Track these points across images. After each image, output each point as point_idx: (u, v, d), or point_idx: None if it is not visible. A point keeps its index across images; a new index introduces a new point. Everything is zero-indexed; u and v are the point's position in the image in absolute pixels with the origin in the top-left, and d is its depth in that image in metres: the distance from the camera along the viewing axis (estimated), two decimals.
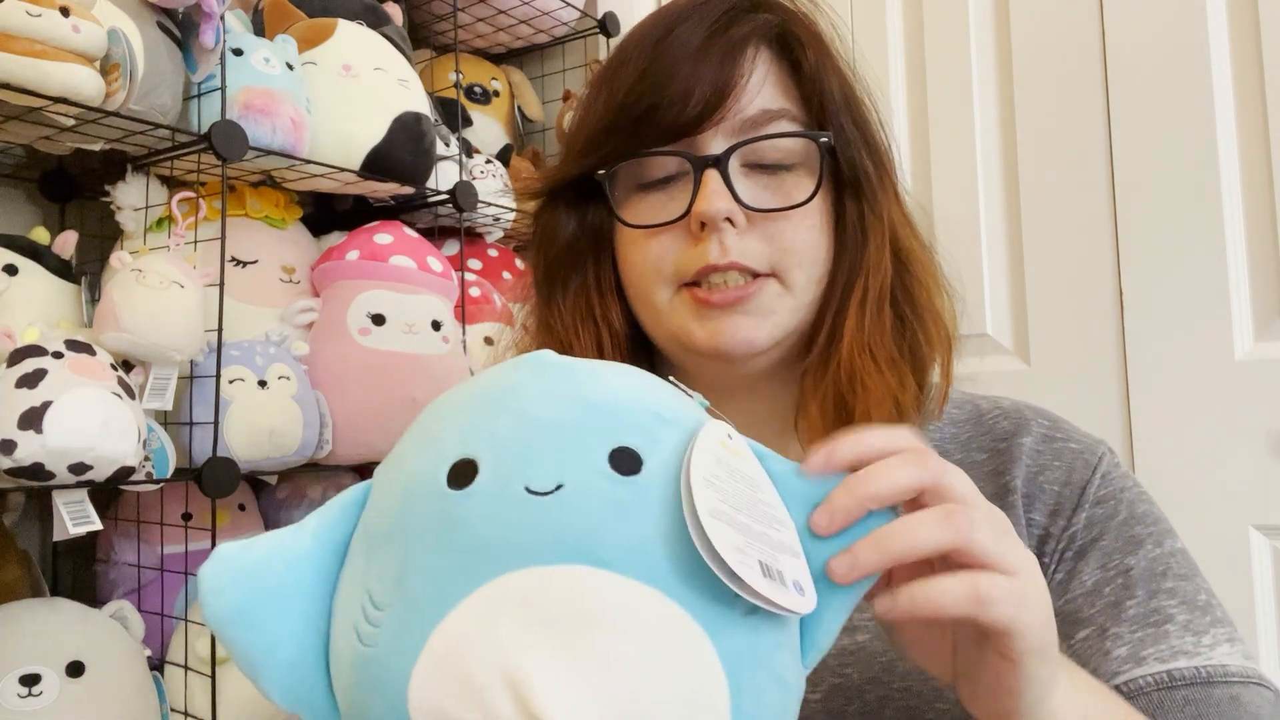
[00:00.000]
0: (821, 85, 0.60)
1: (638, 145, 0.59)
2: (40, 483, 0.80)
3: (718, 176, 0.57)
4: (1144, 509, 0.59)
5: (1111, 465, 0.61)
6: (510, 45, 1.65)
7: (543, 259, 0.66)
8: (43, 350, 0.83)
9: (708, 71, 0.57)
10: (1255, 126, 1.17)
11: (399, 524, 0.36)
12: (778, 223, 0.58)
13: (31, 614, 0.86)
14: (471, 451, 0.36)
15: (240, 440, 0.98)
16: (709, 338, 0.58)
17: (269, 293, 1.12)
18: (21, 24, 0.78)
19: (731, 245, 0.57)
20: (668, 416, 0.39)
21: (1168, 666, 0.53)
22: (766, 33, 0.60)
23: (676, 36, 0.58)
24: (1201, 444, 1.17)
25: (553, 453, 0.35)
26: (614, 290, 0.64)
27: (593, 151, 0.61)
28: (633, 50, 0.61)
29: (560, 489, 0.34)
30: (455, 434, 0.38)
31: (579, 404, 0.37)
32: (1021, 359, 1.32)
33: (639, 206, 0.61)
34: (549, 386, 0.38)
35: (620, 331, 0.63)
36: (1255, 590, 1.14)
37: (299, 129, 1.05)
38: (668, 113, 0.57)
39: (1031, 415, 0.63)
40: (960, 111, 1.38)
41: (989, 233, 1.35)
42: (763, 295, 0.58)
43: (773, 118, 0.59)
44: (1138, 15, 1.24)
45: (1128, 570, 0.56)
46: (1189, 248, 1.19)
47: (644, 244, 0.60)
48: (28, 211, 1.13)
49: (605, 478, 0.35)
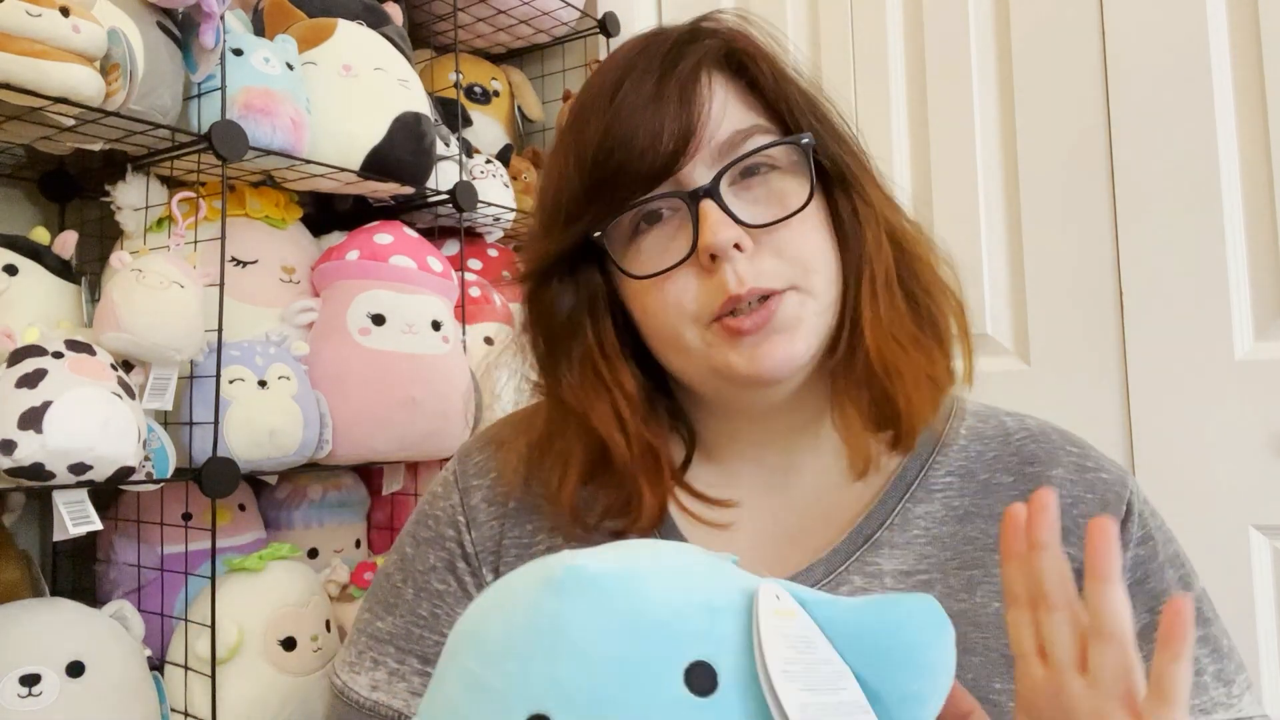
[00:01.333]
0: (782, 93, 0.60)
1: (622, 200, 0.59)
2: (40, 483, 0.80)
3: (714, 205, 0.57)
4: (1173, 550, 0.61)
5: (1142, 502, 0.62)
6: (510, 45, 1.65)
7: (543, 336, 0.65)
8: (43, 350, 0.83)
9: (668, 113, 0.57)
10: (1255, 126, 1.17)
11: None
12: (783, 234, 0.58)
13: (31, 614, 0.86)
14: (541, 707, 0.34)
15: (240, 440, 0.98)
16: (749, 364, 0.58)
17: (269, 293, 1.12)
18: (21, 24, 0.78)
19: (745, 271, 0.57)
20: (719, 604, 0.37)
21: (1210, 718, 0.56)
22: (714, 57, 0.60)
23: (628, 89, 0.58)
24: (1201, 444, 1.17)
25: (627, 694, 0.34)
26: (619, 351, 0.63)
27: (576, 219, 0.60)
28: (590, 111, 0.60)
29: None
30: (514, 686, 0.35)
31: (633, 628, 0.35)
32: (1021, 359, 1.32)
33: (639, 254, 0.60)
34: (597, 615, 0.36)
35: (633, 394, 0.62)
36: (1255, 590, 1.14)
37: (299, 129, 1.05)
38: (643, 161, 0.57)
39: (1060, 441, 0.64)
40: (960, 111, 1.38)
41: (989, 232, 1.35)
42: (786, 306, 0.58)
43: (746, 135, 0.59)
44: (1138, 15, 1.24)
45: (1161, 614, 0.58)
46: (1189, 248, 1.19)
47: (658, 290, 0.59)
48: (28, 211, 1.13)
49: (688, 705, 0.33)
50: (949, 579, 0.59)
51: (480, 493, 0.69)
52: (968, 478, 0.62)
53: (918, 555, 0.59)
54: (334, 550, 1.21)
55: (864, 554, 0.60)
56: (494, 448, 0.71)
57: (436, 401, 1.14)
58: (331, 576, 1.13)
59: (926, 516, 0.61)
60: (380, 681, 0.66)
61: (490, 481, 0.69)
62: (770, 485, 0.64)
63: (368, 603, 0.71)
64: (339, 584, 1.12)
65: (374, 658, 0.67)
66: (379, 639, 0.68)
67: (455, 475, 0.71)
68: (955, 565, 0.59)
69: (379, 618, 0.69)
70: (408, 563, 0.69)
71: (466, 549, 0.67)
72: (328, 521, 1.22)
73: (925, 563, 0.59)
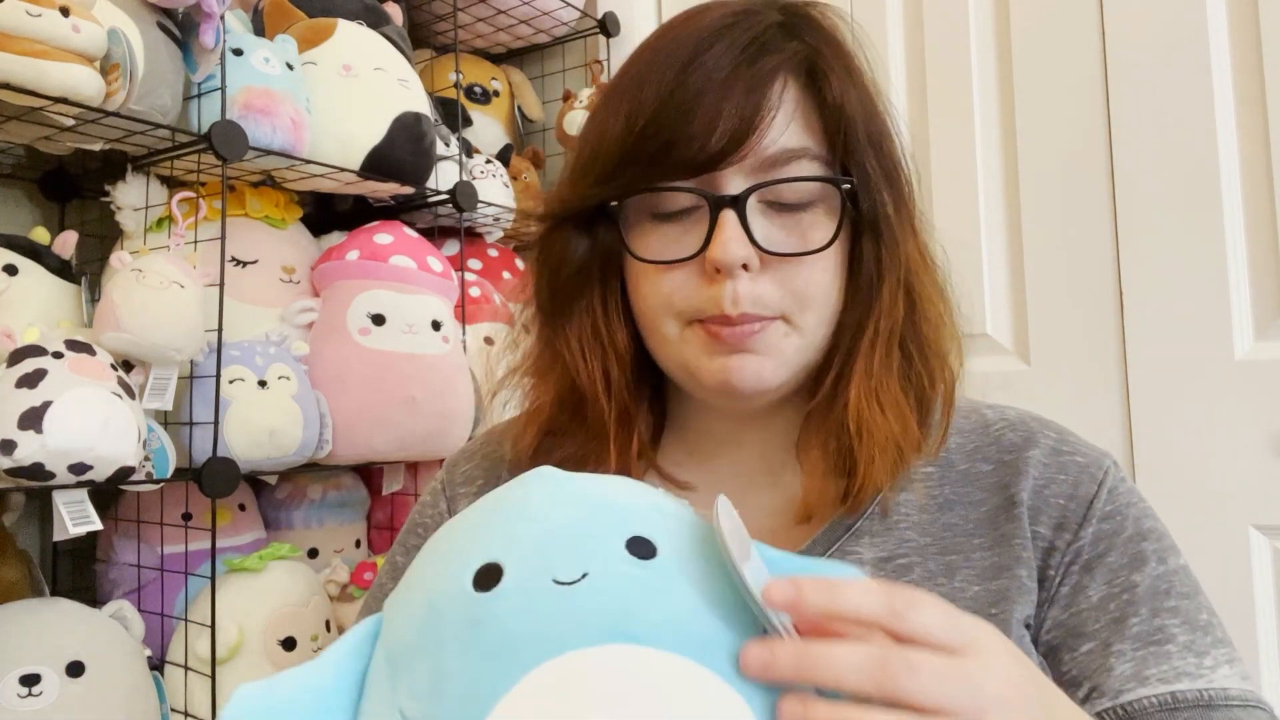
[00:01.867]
0: (846, 121, 0.58)
1: (655, 177, 0.57)
2: (40, 483, 0.80)
3: (735, 219, 0.56)
4: (1149, 525, 0.60)
5: (1117, 480, 0.61)
6: (510, 45, 1.65)
7: (549, 281, 0.64)
8: (43, 350, 0.83)
9: (732, 106, 0.55)
10: (1255, 126, 1.17)
11: (426, 637, 0.37)
12: (792, 266, 0.57)
13: (31, 614, 0.86)
14: (494, 556, 0.37)
15: (240, 440, 0.98)
16: (718, 374, 0.58)
17: (269, 293, 1.12)
18: (21, 24, 0.78)
19: (744, 293, 0.56)
20: (667, 509, 0.41)
21: (1171, 688, 0.54)
22: (795, 64, 0.58)
23: (703, 63, 0.56)
24: (1201, 444, 1.17)
25: (573, 547, 0.37)
26: (620, 314, 0.63)
27: (608, 180, 0.59)
28: (656, 71, 0.58)
29: (586, 577, 0.36)
30: (474, 544, 0.39)
31: (587, 504, 0.40)
32: (1021, 359, 1.32)
33: (651, 238, 0.59)
34: (559, 491, 0.41)
35: (626, 355, 0.62)
36: (1255, 590, 1.14)
37: (299, 129, 1.05)
38: (689, 147, 0.56)
39: (1038, 427, 0.63)
40: (960, 111, 1.38)
41: (989, 232, 1.35)
42: (769, 335, 0.57)
43: (794, 157, 0.57)
44: (1138, 15, 1.24)
45: (1133, 587, 0.57)
46: (1189, 248, 1.19)
47: (655, 277, 0.59)
48: (28, 211, 1.13)
49: (627, 563, 0.37)
50: (928, 563, 0.59)
51: (467, 500, 0.69)
52: (948, 468, 0.62)
53: (898, 540, 0.59)
54: (334, 550, 1.21)
55: (844, 544, 0.60)
56: (480, 456, 0.72)
57: (436, 401, 1.14)
58: (331, 576, 1.13)
59: (907, 504, 0.61)
60: None
61: (477, 490, 0.69)
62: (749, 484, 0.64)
63: (361, 614, 0.70)
64: (339, 584, 1.12)
65: None
66: None
67: (443, 484, 0.72)
68: (935, 550, 0.59)
69: None
70: (399, 571, 0.69)
71: None
72: (328, 521, 1.22)
73: (905, 547, 0.59)
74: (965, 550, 0.59)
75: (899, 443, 0.58)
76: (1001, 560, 0.58)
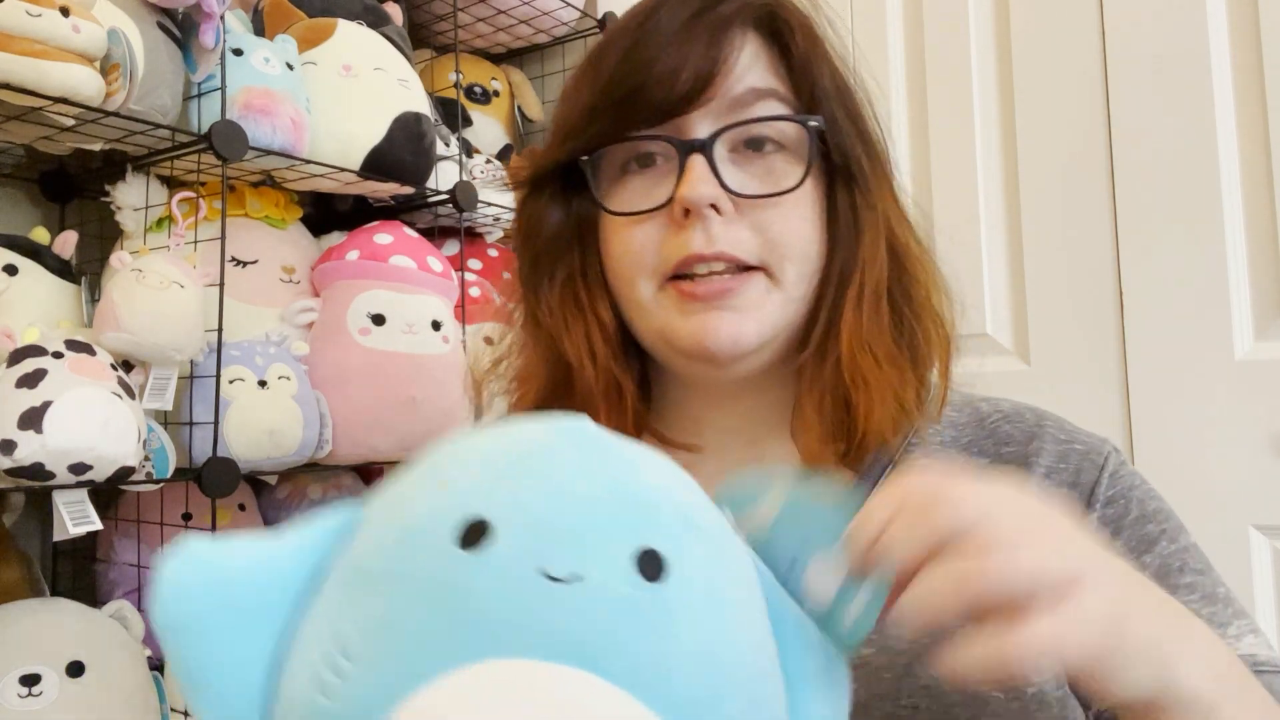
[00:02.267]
0: (811, 71, 0.58)
1: (622, 128, 0.57)
2: (40, 483, 0.80)
3: (703, 162, 0.55)
4: (1154, 506, 0.58)
5: (1118, 464, 0.60)
6: (510, 45, 1.65)
7: (528, 250, 0.64)
8: (43, 350, 0.83)
9: (694, 50, 0.55)
10: (1255, 126, 1.17)
11: (391, 569, 0.33)
12: (766, 211, 0.56)
13: (31, 614, 0.86)
14: (489, 511, 0.33)
15: (240, 440, 0.98)
16: (693, 334, 0.56)
17: (269, 293, 1.12)
18: (21, 24, 0.78)
19: (718, 234, 0.55)
20: (699, 522, 0.36)
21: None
22: (754, 13, 0.58)
23: (660, 18, 0.57)
24: (1201, 444, 1.17)
25: (577, 537, 0.32)
26: (601, 281, 0.62)
27: (576, 136, 0.59)
28: (618, 33, 0.59)
29: (578, 581, 0.31)
30: (474, 486, 0.34)
31: (614, 490, 0.34)
32: (1021, 359, 1.32)
33: (622, 192, 0.59)
34: (585, 461, 0.35)
35: (609, 324, 0.61)
36: (1255, 590, 1.14)
37: (299, 129, 1.05)
38: (654, 93, 0.55)
39: (1034, 419, 0.62)
40: (960, 111, 1.38)
41: (989, 233, 1.35)
42: (749, 289, 0.56)
43: (761, 96, 0.57)
44: (1138, 15, 1.24)
45: (1143, 569, 0.55)
46: (1189, 248, 1.19)
47: (627, 232, 0.58)
48: (28, 211, 1.13)
49: (627, 580, 0.32)
50: None
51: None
52: (944, 461, 0.61)
53: None
54: None
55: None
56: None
57: (436, 401, 1.14)
58: None
59: None
60: None
61: None
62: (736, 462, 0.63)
63: None
64: None
65: None
66: None
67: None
68: None
69: None
70: None
71: None
72: None
73: None
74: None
75: (898, 393, 0.57)
76: None
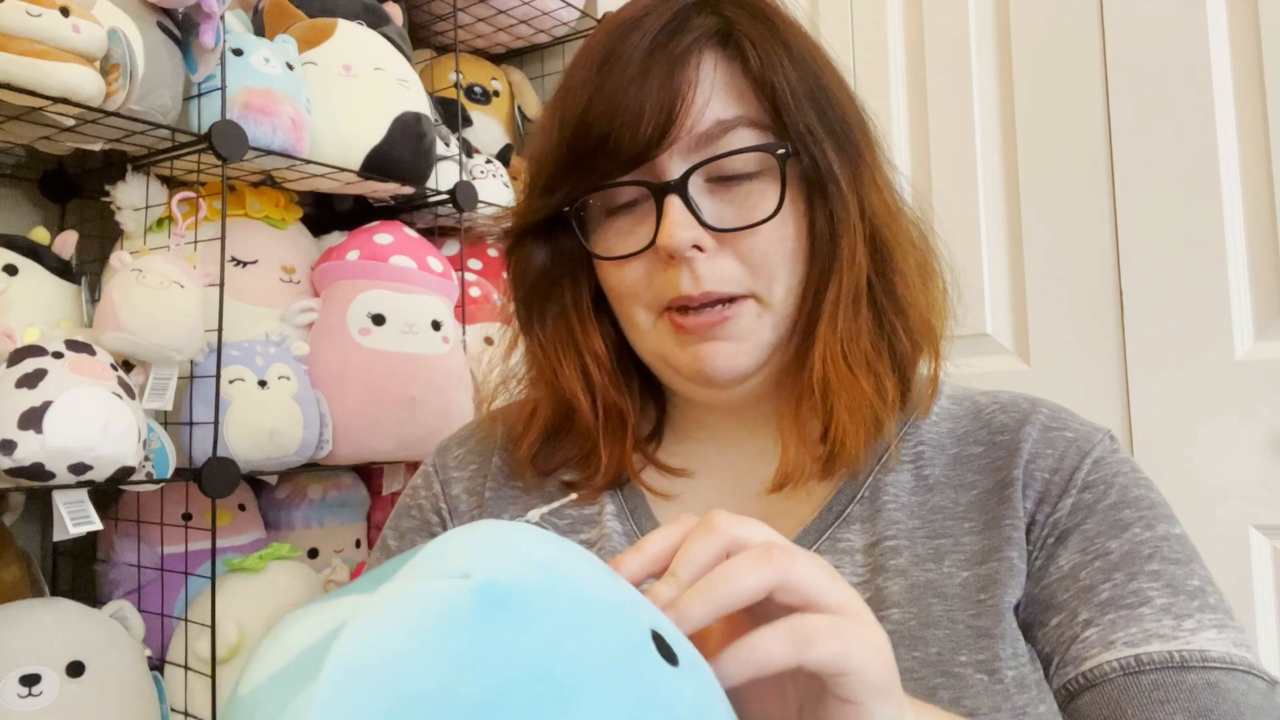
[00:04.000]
0: (776, 85, 0.57)
1: (596, 177, 0.58)
2: (40, 483, 0.80)
3: (679, 204, 0.56)
4: (1139, 494, 0.57)
5: (1107, 451, 0.59)
6: (510, 45, 1.65)
7: (519, 292, 0.66)
8: (43, 350, 0.83)
9: (649, 96, 0.55)
10: (1255, 126, 1.17)
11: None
12: (748, 239, 0.57)
13: (31, 614, 0.86)
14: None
15: (240, 440, 0.98)
16: (692, 363, 0.58)
17: (269, 293, 1.12)
18: (21, 24, 0.78)
19: (703, 273, 0.56)
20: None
21: (1136, 651, 0.50)
22: (710, 36, 0.58)
23: (619, 57, 0.57)
24: (1201, 444, 1.17)
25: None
26: (592, 314, 0.63)
27: (554, 190, 0.60)
28: (579, 74, 0.59)
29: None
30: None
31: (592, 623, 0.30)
32: (1021, 359, 1.32)
33: (608, 234, 0.60)
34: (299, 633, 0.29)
35: (603, 355, 0.63)
36: (1255, 590, 1.14)
37: (299, 129, 1.05)
38: (619, 140, 0.56)
39: (1030, 407, 0.62)
40: (960, 111, 1.38)
41: (989, 232, 1.35)
42: (740, 318, 0.57)
43: (728, 128, 0.56)
44: (1138, 15, 1.24)
45: (1107, 554, 0.54)
46: (1189, 248, 1.20)
47: (619, 271, 0.59)
48: (28, 211, 1.13)
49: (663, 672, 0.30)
50: (916, 547, 0.57)
51: (460, 484, 0.69)
52: (939, 450, 0.61)
53: (886, 522, 0.58)
54: (334, 550, 1.21)
55: (835, 531, 0.59)
56: (475, 440, 0.71)
57: (436, 401, 1.14)
58: (331, 576, 1.13)
59: (896, 484, 0.60)
60: None
61: (469, 474, 0.69)
62: (741, 472, 0.64)
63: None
64: (339, 584, 1.12)
65: None
66: None
67: (435, 468, 0.71)
68: (924, 535, 0.58)
69: None
70: (391, 554, 0.68)
71: None
72: (328, 521, 1.22)
73: (893, 529, 0.58)
74: (954, 534, 0.57)
75: (872, 403, 0.57)
76: (991, 543, 0.56)
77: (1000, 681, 0.52)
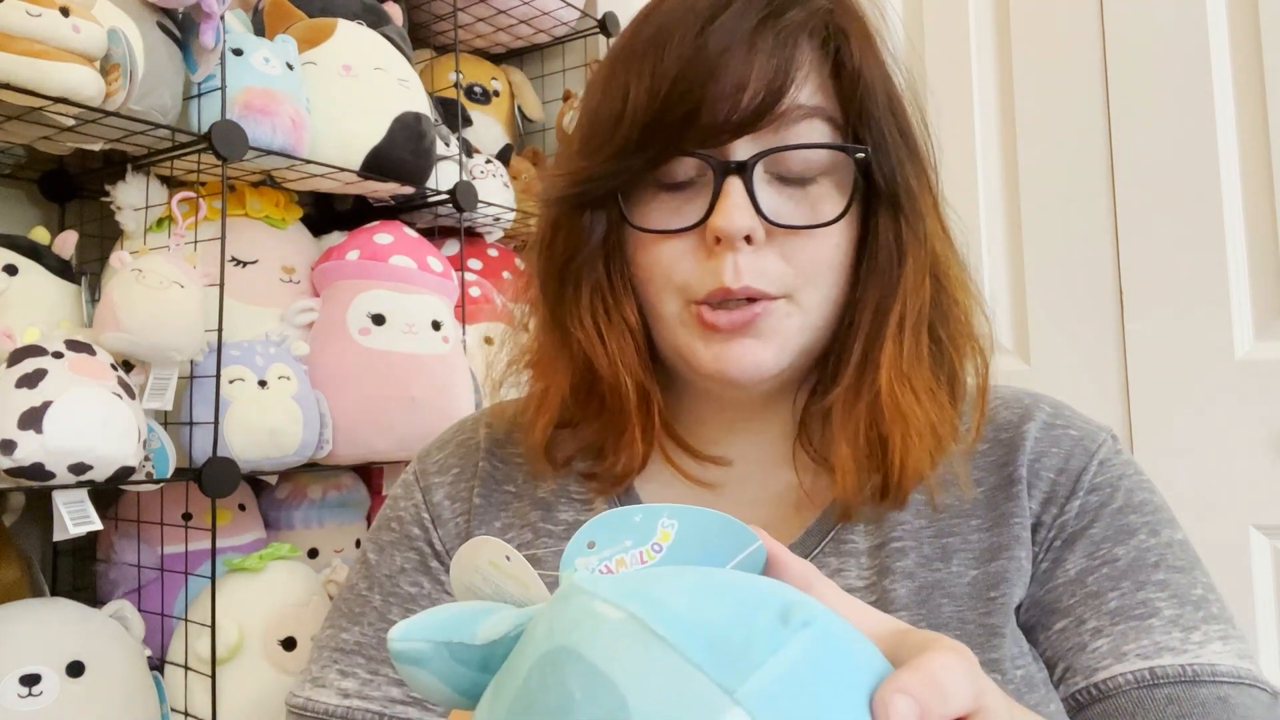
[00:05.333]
0: (865, 86, 0.54)
1: (681, 145, 0.53)
2: (40, 483, 0.80)
3: (741, 187, 0.52)
4: (1143, 498, 0.56)
5: (1112, 452, 0.58)
6: (510, 45, 1.65)
7: (557, 262, 0.60)
8: (43, 350, 0.83)
9: (759, 67, 0.52)
10: (1255, 126, 1.17)
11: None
12: (799, 239, 0.54)
13: (31, 614, 0.86)
14: None
15: (240, 440, 0.98)
16: (713, 361, 0.55)
17: (269, 293, 1.12)
18: (21, 24, 0.78)
19: (746, 266, 0.53)
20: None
21: (1150, 664, 0.50)
22: (816, 22, 0.54)
23: (725, 23, 0.52)
24: (1201, 444, 1.17)
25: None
26: (628, 289, 0.59)
27: (632, 153, 0.54)
28: (675, 30, 0.54)
29: None
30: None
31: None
32: (1021, 359, 1.32)
33: (651, 206, 0.56)
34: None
35: (638, 331, 0.59)
36: (1255, 590, 1.14)
37: (299, 129, 1.05)
38: (718, 112, 0.52)
39: (1032, 402, 0.61)
40: (960, 110, 1.38)
41: (989, 233, 1.35)
42: (770, 315, 0.54)
43: (807, 115, 0.53)
44: (1138, 14, 1.24)
45: (1114, 560, 0.54)
46: (1189, 248, 1.20)
47: (654, 248, 0.55)
48: (28, 211, 1.13)
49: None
50: (923, 547, 0.56)
51: (443, 490, 0.66)
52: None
53: (893, 523, 0.57)
54: (334, 550, 1.21)
55: (840, 532, 0.58)
56: (454, 444, 0.69)
57: (437, 401, 1.14)
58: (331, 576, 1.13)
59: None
60: (352, 690, 0.61)
61: (452, 479, 0.66)
62: (745, 475, 0.62)
63: (329, 620, 0.66)
64: (339, 584, 1.12)
65: (341, 669, 0.62)
66: (345, 650, 0.63)
67: (415, 475, 0.68)
68: (930, 534, 0.57)
69: (343, 630, 0.64)
70: (372, 569, 0.65)
71: (435, 547, 0.64)
72: (328, 521, 1.22)
73: (899, 530, 0.57)
74: (962, 532, 0.56)
75: (935, 429, 0.55)
76: (1000, 540, 0.55)
77: (1011, 681, 0.52)
